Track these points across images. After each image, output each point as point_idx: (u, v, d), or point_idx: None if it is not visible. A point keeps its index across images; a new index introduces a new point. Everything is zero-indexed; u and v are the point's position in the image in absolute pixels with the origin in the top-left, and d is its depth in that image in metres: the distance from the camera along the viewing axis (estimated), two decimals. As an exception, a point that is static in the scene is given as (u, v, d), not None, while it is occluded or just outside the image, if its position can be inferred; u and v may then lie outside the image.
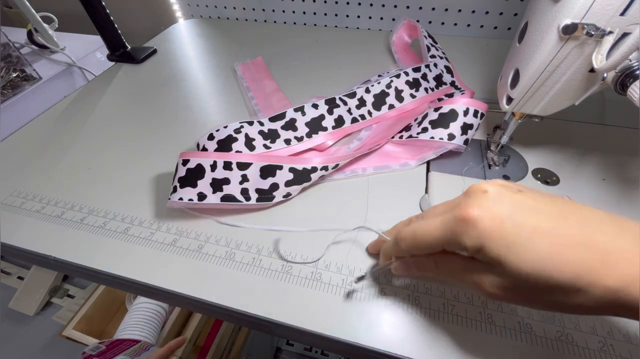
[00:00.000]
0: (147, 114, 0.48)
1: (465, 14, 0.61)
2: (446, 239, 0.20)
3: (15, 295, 0.93)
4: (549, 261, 0.17)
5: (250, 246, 0.31)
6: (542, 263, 0.17)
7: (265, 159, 0.33)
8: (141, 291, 0.30)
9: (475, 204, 0.19)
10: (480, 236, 0.18)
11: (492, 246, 0.18)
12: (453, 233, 0.19)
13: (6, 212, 0.35)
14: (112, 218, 0.34)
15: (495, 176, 0.35)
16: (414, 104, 0.43)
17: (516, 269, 0.18)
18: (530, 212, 0.18)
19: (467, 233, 0.18)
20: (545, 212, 0.18)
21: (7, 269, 1.02)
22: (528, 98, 0.29)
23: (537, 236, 0.17)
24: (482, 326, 0.25)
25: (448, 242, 0.20)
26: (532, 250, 0.17)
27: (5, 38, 0.69)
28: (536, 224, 0.18)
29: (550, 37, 0.25)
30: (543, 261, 0.17)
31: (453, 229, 0.19)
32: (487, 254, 0.18)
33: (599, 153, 0.37)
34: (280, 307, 0.27)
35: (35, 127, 0.47)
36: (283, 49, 0.62)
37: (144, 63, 0.60)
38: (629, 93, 0.22)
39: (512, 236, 0.17)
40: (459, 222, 0.19)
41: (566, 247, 0.17)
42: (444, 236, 0.20)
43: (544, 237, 0.17)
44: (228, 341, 0.77)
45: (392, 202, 0.34)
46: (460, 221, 0.19)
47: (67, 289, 0.97)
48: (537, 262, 0.17)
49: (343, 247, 0.30)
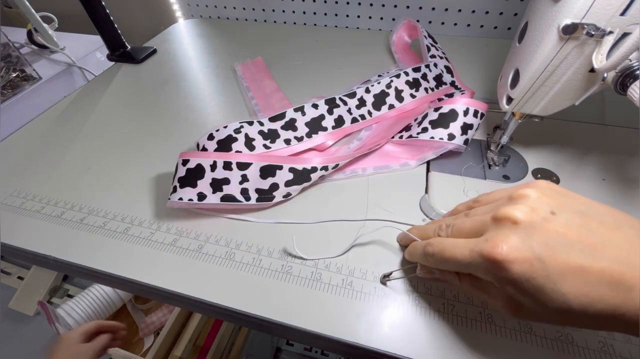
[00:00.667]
0: (147, 114, 0.48)
1: (465, 14, 0.60)
2: (472, 270, 0.20)
3: (15, 295, 0.92)
4: (577, 299, 0.17)
5: (250, 246, 0.31)
6: (570, 301, 0.17)
7: (265, 159, 0.33)
8: (141, 291, 0.30)
9: (503, 241, 0.18)
10: (509, 280, 0.18)
11: (521, 288, 0.18)
12: (480, 269, 0.19)
13: (6, 212, 0.35)
14: (112, 218, 0.34)
15: (495, 176, 0.35)
16: (414, 104, 0.43)
17: (543, 305, 0.18)
18: (561, 248, 0.18)
19: (496, 275, 0.19)
20: (577, 245, 0.18)
21: (7, 269, 1.02)
22: (528, 98, 0.29)
23: (568, 273, 0.17)
24: (482, 326, 0.25)
25: (474, 272, 0.20)
26: (560, 290, 0.17)
27: (5, 38, 0.69)
28: (566, 261, 0.17)
29: (550, 37, 0.25)
30: (571, 299, 0.17)
31: (480, 265, 0.19)
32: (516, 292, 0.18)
33: (599, 153, 0.37)
34: (281, 307, 0.27)
35: (35, 127, 0.47)
36: (283, 49, 0.62)
37: (144, 63, 0.60)
38: (629, 93, 0.22)
39: (542, 278, 0.17)
40: (486, 261, 0.18)
41: (595, 285, 0.17)
42: (470, 266, 0.20)
43: (574, 275, 0.17)
44: (228, 341, 0.77)
45: (392, 203, 0.34)
46: (488, 261, 0.18)
47: (67, 289, 0.97)
48: (565, 299, 0.17)
49: (343, 247, 0.30)
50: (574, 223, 0.18)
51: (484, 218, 0.21)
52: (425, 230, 0.26)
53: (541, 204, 0.19)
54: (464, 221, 0.22)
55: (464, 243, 0.21)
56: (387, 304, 0.27)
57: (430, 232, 0.25)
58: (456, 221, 0.23)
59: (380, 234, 0.31)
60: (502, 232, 0.19)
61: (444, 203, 0.32)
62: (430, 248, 0.23)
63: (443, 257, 0.21)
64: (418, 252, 0.25)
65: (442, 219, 0.27)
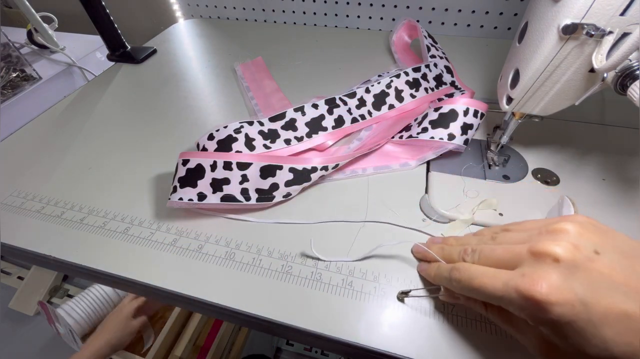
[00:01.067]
0: (147, 114, 0.48)
1: (465, 14, 0.60)
2: (504, 304, 0.19)
3: (15, 295, 0.92)
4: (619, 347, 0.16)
5: (250, 246, 0.31)
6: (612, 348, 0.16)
7: (265, 159, 0.33)
8: (141, 291, 0.30)
9: (544, 279, 0.17)
10: (547, 321, 0.17)
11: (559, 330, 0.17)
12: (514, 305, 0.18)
13: (6, 212, 0.35)
14: (112, 218, 0.34)
15: (495, 176, 0.35)
16: (414, 104, 0.43)
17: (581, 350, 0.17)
18: (604, 291, 0.17)
19: (532, 314, 0.17)
20: (621, 289, 0.17)
21: (7, 269, 1.02)
22: (528, 98, 0.29)
23: (612, 319, 0.16)
24: (482, 326, 0.25)
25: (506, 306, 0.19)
26: (602, 336, 0.16)
27: (5, 38, 0.69)
28: (610, 306, 0.16)
29: (550, 37, 0.25)
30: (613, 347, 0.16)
31: (514, 301, 0.18)
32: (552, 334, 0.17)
33: (599, 153, 0.37)
34: (280, 307, 0.27)
35: (35, 127, 0.47)
36: (283, 49, 0.62)
37: (144, 63, 0.60)
38: (629, 93, 0.22)
39: (583, 322, 0.16)
40: (523, 298, 0.17)
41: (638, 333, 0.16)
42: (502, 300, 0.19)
43: (618, 321, 0.16)
44: (228, 341, 0.77)
45: (392, 202, 0.34)
46: (526, 299, 0.17)
47: (67, 289, 0.97)
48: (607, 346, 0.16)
49: (343, 247, 0.30)
50: (618, 264, 0.17)
51: (517, 249, 0.19)
52: (450, 252, 0.25)
53: (584, 242, 0.18)
54: (494, 249, 0.21)
55: (495, 273, 0.19)
56: (387, 304, 0.27)
57: (455, 256, 0.24)
58: (484, 247, 0.22)
59: (381, 234, 0.31)
60: (542, 269, 0.17)
61: (444, 203, 0.32)
62: (456, 274, 0.21)
63: (471, 285, 0.20)
64: (443, 275, 0.23)
65: (464, 238, 0.26)
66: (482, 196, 0.33)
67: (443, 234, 0.31)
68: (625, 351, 0.16)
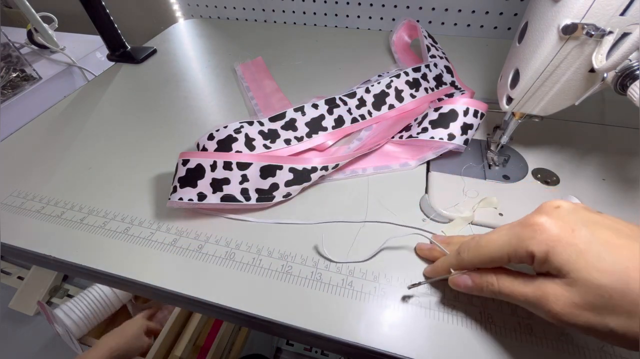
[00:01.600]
0: (147, 114, 0.48)
1: (465, 14, 0.60)
2: (512, 247, 0.19)
3: (15, 295, 0.92)
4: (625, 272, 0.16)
5: (250, 246, 0.31)
6: (617, 274, 0.16)
7: (265, 159, 0.33)
8: (141, 291, 0.30)
9: (545, 213, 0.19)
10: (549, 240, 0.18)
11: (561, 251, 0.17)
12: (519, 239, 0.19)
13: (6, 212, 0.35)
14: (112, 218, 0.34)
15: (495, 176, 0.35)
16: (414, 104, 0.43)
17: (588, 277, 0.17)
18: (603, 228, 0.17)
19: (535, 238, 0.18)
20: (620, 231, 0.17)
21: (7, 269, 1.02)
22: (528, 98, 0.29)
23: (611, 247, 0.17)
24: (482, 326, 0.25)
25: (514, 250, 0.19)
26: (605, 260, 0.16)
27: (5, 38, 0.69)
28: (609, 238, 0.17)
29: (550, 37, 0.25)
30: (618, 272, 0.16)
31: (519, 235, 0.19)
32: (556, 260, 0.17)
33: (599, 153, 0.37)
34: (280, 307, 0.27)
35: (35, 127, 0.47)
36: (283, 49, 0.62)
37: (144, 63, 0.60)
38: (629, 93, 0.22)
39: (583, 244, 0.17)
40: (526, 227, 0.19)
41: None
42: (509, 244, 0.20)
43: (619, 249, 0.17)
44: (228, 341, 0.77)
45: (392, 202, 0.34)
46: (528, 226, 0.19)
47: (67, 289, 0.97)
48: (612, 272, 0.16)
49: (344, 248, 0.30)
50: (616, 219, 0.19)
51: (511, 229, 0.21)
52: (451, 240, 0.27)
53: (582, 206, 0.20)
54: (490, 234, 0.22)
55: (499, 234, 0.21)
56: (387, 304, 0.27)
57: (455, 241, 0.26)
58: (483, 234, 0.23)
59: (381, 234, 0.31)
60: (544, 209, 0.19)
61: (444, 203, 0.32)
62: (464, 244, 0.23)
63: (479, 246, 0.22)
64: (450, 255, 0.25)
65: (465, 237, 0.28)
66: (482, 196, 0.33)
67: (444, 232, 0.31)
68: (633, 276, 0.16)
